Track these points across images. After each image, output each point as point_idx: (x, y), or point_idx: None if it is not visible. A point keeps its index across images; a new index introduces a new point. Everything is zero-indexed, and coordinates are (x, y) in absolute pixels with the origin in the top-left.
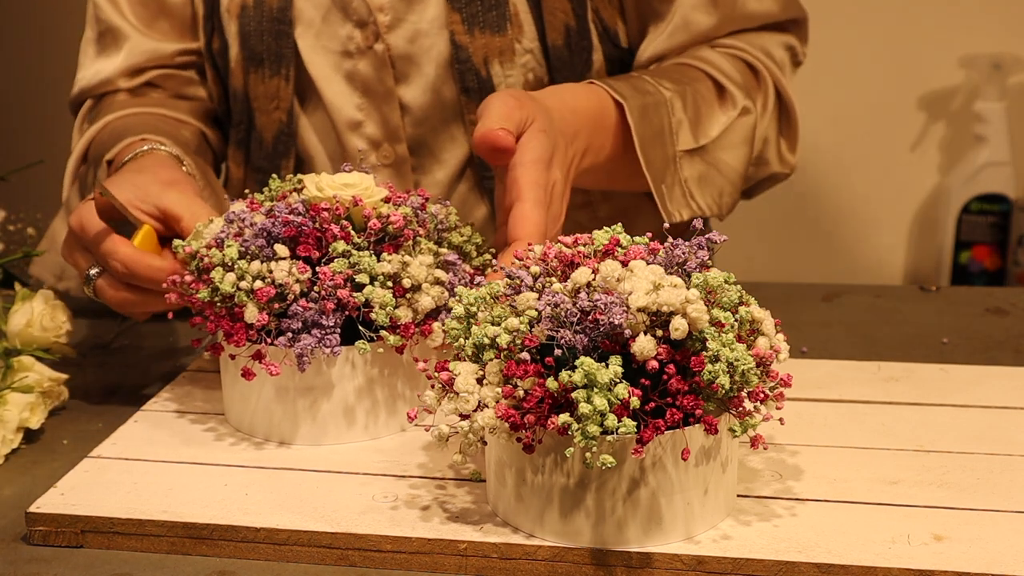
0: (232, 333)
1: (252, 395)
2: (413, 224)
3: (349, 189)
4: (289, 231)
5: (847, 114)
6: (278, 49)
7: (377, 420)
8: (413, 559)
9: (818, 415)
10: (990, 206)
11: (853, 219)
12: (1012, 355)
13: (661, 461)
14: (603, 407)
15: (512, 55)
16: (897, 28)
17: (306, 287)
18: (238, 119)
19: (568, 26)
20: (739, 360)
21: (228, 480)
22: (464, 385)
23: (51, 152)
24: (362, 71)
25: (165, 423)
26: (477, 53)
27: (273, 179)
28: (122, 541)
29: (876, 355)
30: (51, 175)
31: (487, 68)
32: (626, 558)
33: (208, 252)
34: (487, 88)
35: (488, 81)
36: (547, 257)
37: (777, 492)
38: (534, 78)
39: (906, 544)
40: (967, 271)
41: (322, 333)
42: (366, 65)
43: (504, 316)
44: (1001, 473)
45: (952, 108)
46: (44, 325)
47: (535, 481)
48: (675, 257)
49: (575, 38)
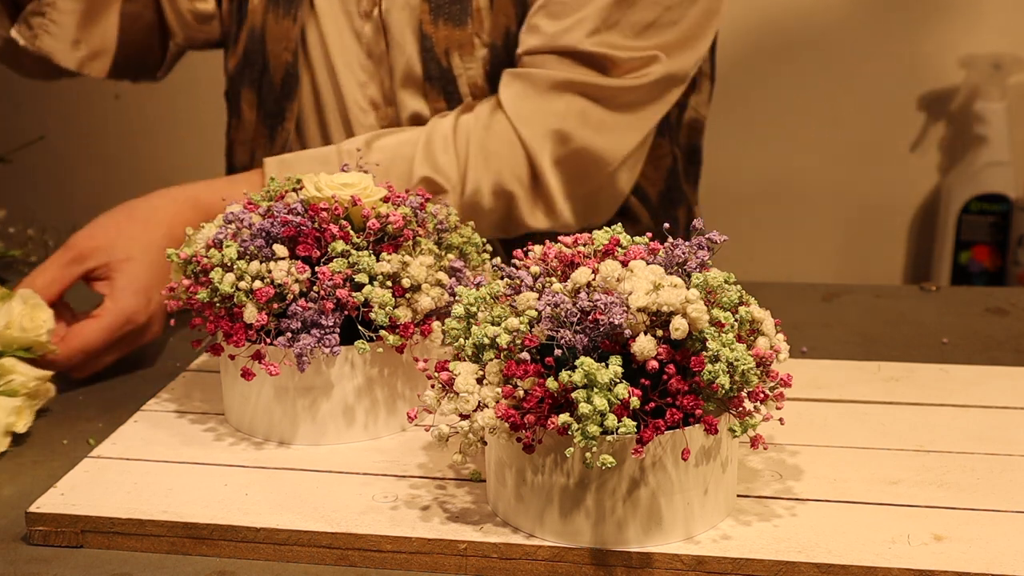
0: (232, 333)
1: (252, 395)
2: (412, 224)
3: (348, 189)
4: (288, 231)
5: (847, 114)
6: None
7: (377, 420)
8: (413, 559)
9: (818, 415)
10: (990, 206)
11: (853, 219)
12: (1012, 355)
13: (661, 461)
14: (603, 407)
15: (472, 48)
16: (897, 28)
17: (305, 287)
18: (253, 58)
19: (508, 29)
20: (739, 360)
21: (228, 480)
22: (464, 385)
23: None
24: (367, 33)
25: (165, 423)
26: (439, 43)
27: (272, 180)
28: (122, 541)
29: (876, 355)
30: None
31: (448, 59)
32: (626, 558)
33: (207, 253)
34: (448, 78)
35: (449, 71)
36: (547, 257)
37: (777, 492)
38: (492, 72)
39: (906, 544)
40: (967, 271)
41: (321, 333)
42: (369, 28)
43: (504, 316)
44: (1001, 473)
45: (952, 108)
46: (24, 326)
47: (535, 481)
48: (675, 257)
49: (512, 42)
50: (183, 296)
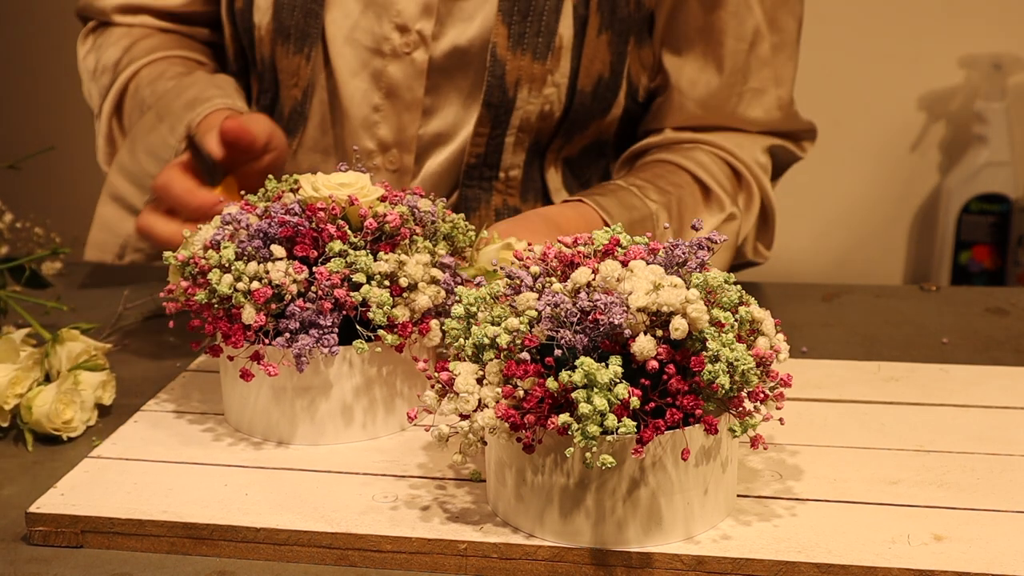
0: (230, 334)
1: (251, 395)
2: (410, 223)
3: (345, 189)
4: (285, 231)
5: (847, 114)
6: (305, 27)
7: (375, 419)
8: (413, 559)
9: (818, 415)
10: (990, 206)
11: (853, 219)
12: (1012, 355)
13: (661, 461)
14: (603, 407)
15: (541, 85)
16: (897, 28)
17: (303, 287)
18: (266, 86)
19: (602, 77)
20: (739, 360)
21: (228, 480)
22: (464, 385)
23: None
24: (391, 74)
25: (165, 423)
26: (511, 72)
27: (269, 180)
28: (122, 541)
29: (876, 355)
30: (61, 162)
31: (515, 89)
32: (626, 558)
33: (204, 254)
34: (507, 107)
35: (511, 102)
36: (547, 257)
37: (777, 492)
38: (548, 111)
39: (906, 544)
40: (967, 271)
41: (320, 333)
42: (397, 69)
43: (504, 316)
44: (1001, 473)
45: (952, 108)
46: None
47: (535, 481)
48: (675, 257)
49: (602, 90)
50: (181, 298)
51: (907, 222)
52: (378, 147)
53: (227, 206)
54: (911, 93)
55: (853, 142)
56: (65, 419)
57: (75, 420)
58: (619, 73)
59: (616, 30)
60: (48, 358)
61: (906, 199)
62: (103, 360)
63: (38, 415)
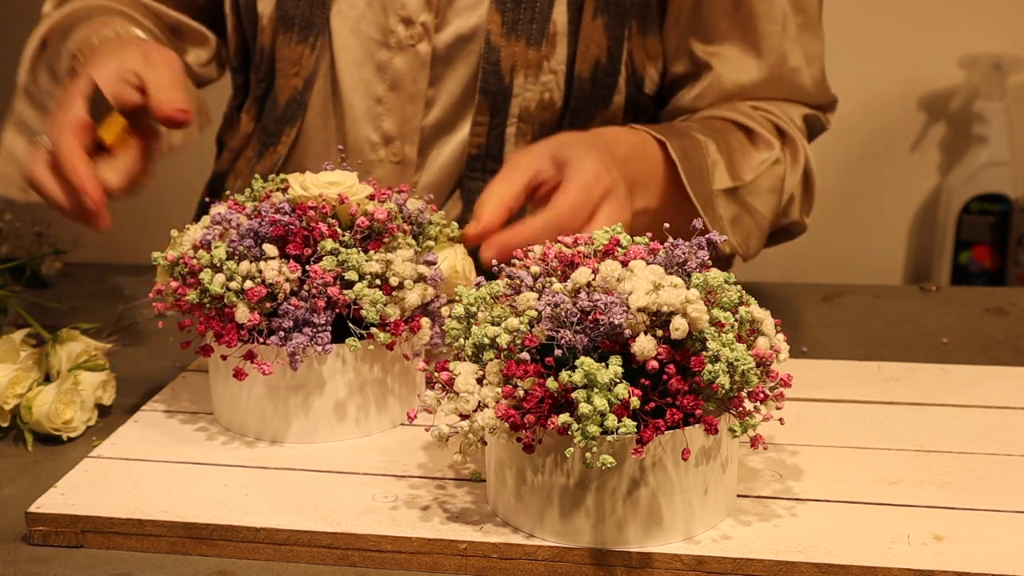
0: (223, 334)
1: (243, 394)
2: (398, 220)
3: (334, 187)
4: (277, 230)
5: (847, 114)
6: (310, 16)
7: (368, 416)
8: (413, 559)
9: (818, 415)
10: (990, 206)
11: (853, 219)
12: (1012, 355)
13: (661, 461)
14: (603, 407)
15: (538, 71)
16: (897, 28)
17: (296, 286)
18: (261, 76)
19: (599, 62)
20: (739, 360)
21: (228, 480)
22: (464, 385)
23: None
24: (396, 66)
25: (165, 423)
26: (506, 59)
27: (256, 179)
28: (122, 541)
29: (876, 355)
30: None
31: (511, 76)
32: (626, 558)
33: (195, 254)
34: (505, 95)
35: (507, 89)
36: (547, 257)
37: (777, 492)
38: (548, 100)
39: (906, 544)
40: (967, 271)
41: (313, 331)
42: (402, 61)
43: (504, 316)
44: (1001, 473)
45: (952, 108)
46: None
47: (535, 481)
48: (675, 257)
49: (601, 74)
50: (171, 299)
51: (907, 222)
52: (382, 139)
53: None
54: (911, 93)
55: (853, 142)
56: (65, 419)
57: (75, 420)
58: (617, 58)
59: (612, 14)
60: (48, 358)
61: (906, 199)
62: (103, 360)
63: (38, 415)
